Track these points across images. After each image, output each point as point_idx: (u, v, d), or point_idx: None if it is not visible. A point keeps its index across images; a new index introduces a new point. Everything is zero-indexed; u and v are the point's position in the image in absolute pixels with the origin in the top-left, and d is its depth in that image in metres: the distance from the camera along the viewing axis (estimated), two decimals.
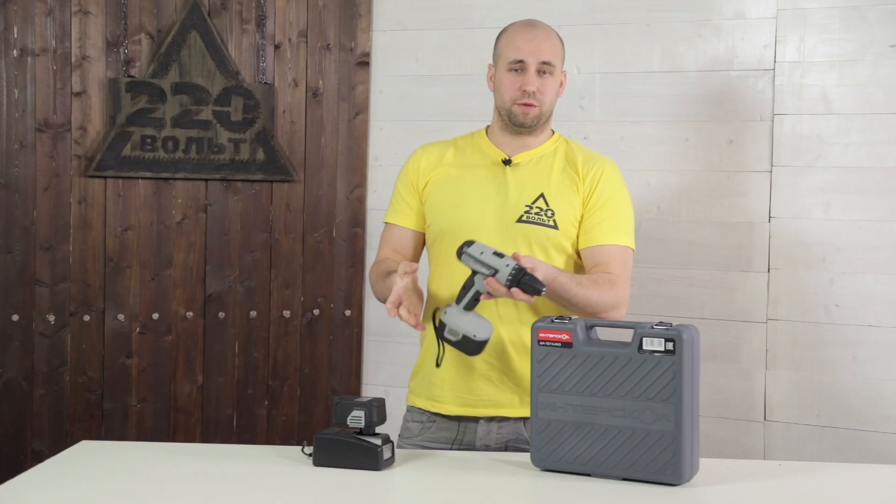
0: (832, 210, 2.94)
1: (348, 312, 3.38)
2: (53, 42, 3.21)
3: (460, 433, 2.19)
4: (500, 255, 1.92)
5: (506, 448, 2.17)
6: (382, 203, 2.36)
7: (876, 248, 2.90)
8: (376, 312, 3.34)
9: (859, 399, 2.91)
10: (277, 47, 3.33)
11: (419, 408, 2.24)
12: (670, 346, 1.79)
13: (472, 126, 2.33)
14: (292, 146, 3.34)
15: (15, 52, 3.18)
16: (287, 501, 1.75)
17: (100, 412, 3.27)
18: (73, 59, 3.22)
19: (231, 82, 3.28)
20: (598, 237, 2.16)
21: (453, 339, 2.02)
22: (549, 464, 1.88)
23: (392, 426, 2.18)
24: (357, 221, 3.38)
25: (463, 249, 1.96)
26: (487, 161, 2.23)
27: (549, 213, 2.15)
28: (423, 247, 2.30)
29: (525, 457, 1.95)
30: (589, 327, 1.89)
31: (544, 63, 2.17)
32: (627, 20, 3.12)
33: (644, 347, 1.80)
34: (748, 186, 3.01)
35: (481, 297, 1.97)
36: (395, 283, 2.01)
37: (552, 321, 1.89)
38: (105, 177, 3.25)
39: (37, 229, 3.22)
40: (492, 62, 2.26)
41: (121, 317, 3.27)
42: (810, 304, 2.95)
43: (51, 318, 3.23)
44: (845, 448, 2.90)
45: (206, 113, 3.27)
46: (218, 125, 3.28)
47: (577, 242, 2.18)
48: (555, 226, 2.14)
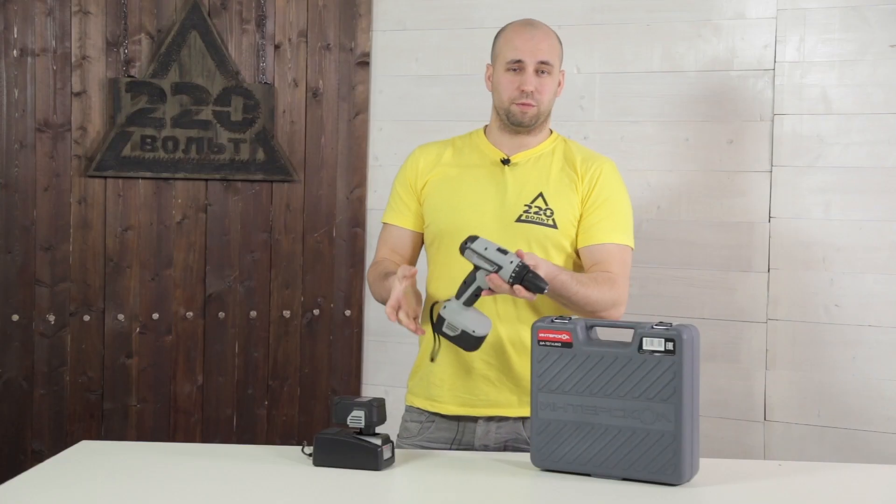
0: (832, 210, 2.94)
1: (348, 312, 3.38)
2: (53, 42, 3.21)
3: (459, 433, 2.18)
4: (504, 252, 1.92)
5: (505, 448, 2.16)
6: (382, 203, 2.36)
7: (876, 248, 2.90)
8: (376, 312, 3.34)
9: (859, 399, 2.91)
10: (277, 47, 3.33)
11: (418, 408, 2.24)
12: (670, 346, 1.79)
13: (473, 126, 2.33)
14: (292, 146, 3.34)
15: (15, 52, 3.18)
16: (287, 501, 1.75)
17: (100, 412, 3.27)
18: (73, 59, 3.22)
19: (231, 82, 3.28)
20: (597, 236, 2.16)
21: (451, 334, 2.01)
22: (549, 464, 1.88)
23: (392, 426, 2.18)
24: (357, 221, 3.38)
25: (466, 245, 1.95)
26: (486, 161, 2.23)
27: (549, 213, 2.14)
28: (422, 247, 2.30)
29: (525, 457, 1.95)
30: (589, 327, 1.89)
31: (542, 63, 2.16)
32: (627, 20, 3.12)
33: (644, 347, 1.80)
34: (748, 186, 3.01)
35: (482, 293, 1.97)
36: (394, 287, 2.01)
37: (552, 321, 1.89)
38: (105, 177, 3.25)
39: (37, 229, 3.22)
40: (490, 62, 2.26)
41: (121, 317, 3.27)
42: (810, 304, 2.95)
43: (51, 318, 3.23)
44: (845, 448, 2.90)
45: (206, 113, 3.27)
46: (218, 125, 3.28)
47: (576, 241, 2.18)
48: (554, 225, 2.14)
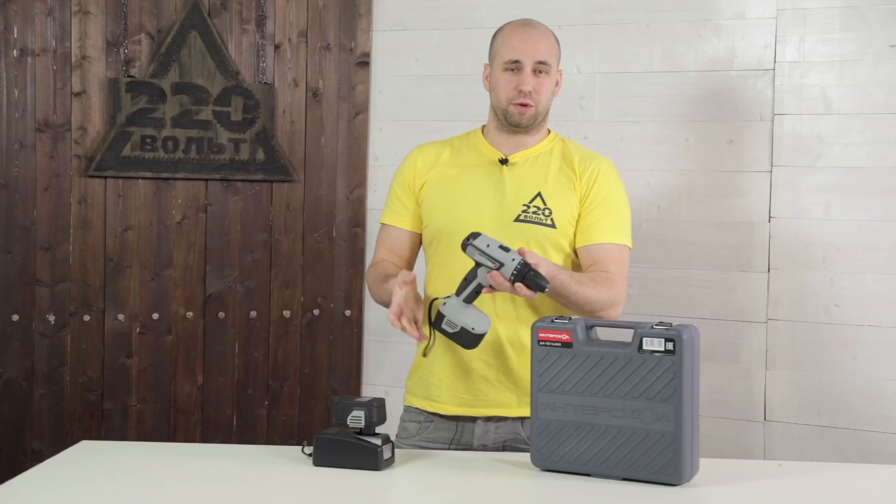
0: (832, 210, 2.94)
1: (348, 312, 3.38)
2: (53, 42, 3.21)
3: (458, 433, 2.18)
4: (506, 249, 1.91)
5: (503, 448, 2.16)
6: (382, 203, 2.35)
7: (876, 248, 2.90)
8: (376, 312, 3.34)
9: (859, 399, 2.91)
10: (277, 47, 3.33)
11: (416, 408, 2.23)
12: (670, 346, 1.79)
13: (473, 126, 2.33)
14: (292, 146, 3.34)
15: (15, 52, 3.18)
16: (287, 501, 1.75)
17: (100, 412, 3.27)
18: (73, 59, 3.22)
19: (231, 82, 3.28)
20: (596, 236, 2.16)
21: (450, 331, 2.00)
22: (549, 464, 1.88)
23: (392, 426, 2.18)
24: (357, 221, 3.38)
25: (469, 241, 1.95)
26: (484, 161, 2.23)
27: (547, 212, 2.14)
28: (420, 247, 2.30)
29: (525, 457, 1.95)
30: (589, 327, 1.89)
31: (540, 63, 2.16)
32: (627, 20, 3.12)
33: (644, 347, 1.80)
34: (748, 186, 3.01)
35: (483, 291, 1.96)
36: (395, 294, 2.00)
37: (552, 321, 1.89)
38: (105, 177, 3.25)
39: (37, 229, 3.22)
40: (487, 62, 2.26)
41: (121, 317, 3.27)
42: (810, 304, 2.95)
43: (51, 318, 3.23)
44: (845, 448, 2.90)
45: (206, 113, 3.27)
46: (218, 125, 3.28)
47: (575, 241, 2.18)
48: (552, 224, 2.14)
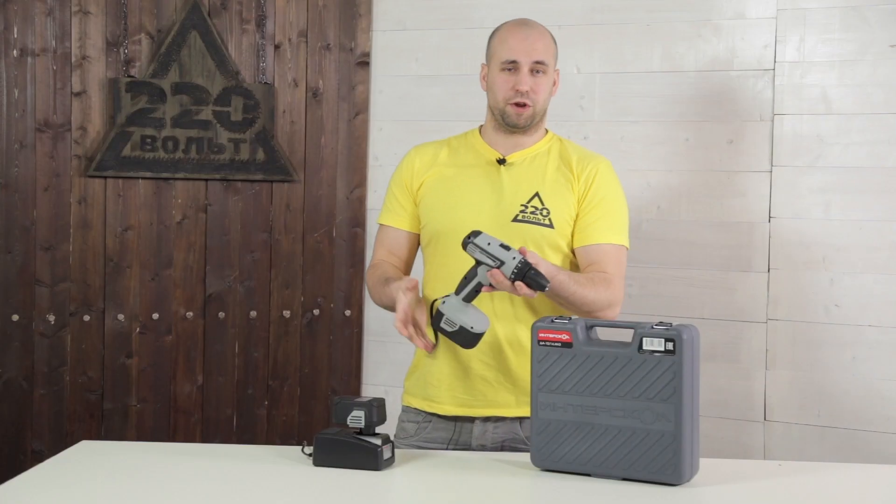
0: (832, 210, 2.94)
1: (348, 312, 3.38)
2: (53, 42, 3.21)
3: (456, 433, 2.18)
4: (507, 248, 1.91)
5: (502, 448, 2.16)
6: (382, 203, 2.35)
7: (876, 248, 2.90)
8: (376, 312, 3.34)
9: (859, 399, 2.91)
10: (277, 47, 3.33)
11: (415, 408, 2.23)
12: (670, 346, 1.78)
13: (473, 126, 2.33)
14: (292, 146, 3.34)
15: (15, 52, 3.18)
16: (287, 501, 1.75)
17: (100, 412, 3.27)
18: (73, 59, 3.22)
19: (231, 82, 3.28)
20: (593, 236, 2.16)
21: (449, 330, 2.00)
22: (549, 464, 1.88)
23: (392, 426, 2.18)
24: (357, 221, 3.38)
25: (469, 239, 1.94)
26: (482, 161, 2.22)
27: (545, 213, 2.14)
28: (418, 248, 2.30)
29: (525, 457, 1.95)
30: (589, 327, 1.89)
31: (537, 62, 2.16)
32: (627, 20, 3.12)
33: (644, 347, 1.80)
34: (748, 186, 3.01)
35: (482, 290, 1.96)
36: (399, 300, 2.01)
37: (552, 321, 1.89)
38: (105, 177, 3.25)
39: (37, 229, 3.22)
40: (485, 62, 2.25)
41: (121, 317, 3.27)
42: (810, 305, 2.95)
43: (51, 318, 3.23)
44: (845, 448, 2.90)
45: (206, 113, 3.27)
46: (218, 125, 3.28)
47: (572, 241, 2.18)
48: (550, 225, 2.14)
